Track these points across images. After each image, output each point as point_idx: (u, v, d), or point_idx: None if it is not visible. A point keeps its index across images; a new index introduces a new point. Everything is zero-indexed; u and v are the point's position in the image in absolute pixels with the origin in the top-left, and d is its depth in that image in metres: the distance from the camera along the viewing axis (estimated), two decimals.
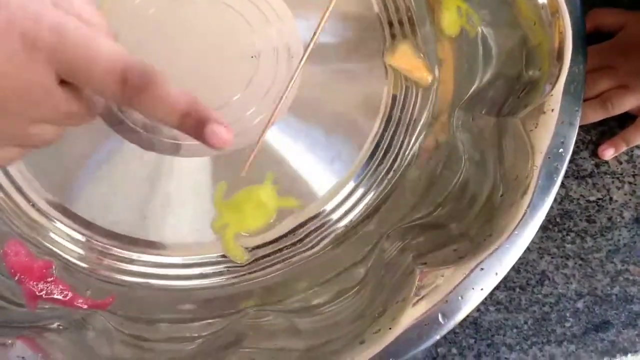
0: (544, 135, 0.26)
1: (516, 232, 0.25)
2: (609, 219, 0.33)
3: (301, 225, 0.31)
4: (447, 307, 0.24)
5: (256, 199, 0.31)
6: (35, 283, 0.29)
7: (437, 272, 0.24)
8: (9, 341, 0.23)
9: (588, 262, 0.32)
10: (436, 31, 0.32)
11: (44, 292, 0.29)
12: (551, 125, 0.26)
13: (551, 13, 0.27)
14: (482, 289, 0.24)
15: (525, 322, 0.31)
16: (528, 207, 0.25)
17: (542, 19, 0.28)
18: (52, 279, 0.29)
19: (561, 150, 0.26)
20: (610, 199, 0.33)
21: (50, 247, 0.30)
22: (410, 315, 0.23)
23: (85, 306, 0.29)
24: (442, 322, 0.24)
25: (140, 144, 0.30)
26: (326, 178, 0.31)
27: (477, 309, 0.31)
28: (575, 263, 0.32)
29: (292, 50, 0.32)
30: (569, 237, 0.33)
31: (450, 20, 0.33)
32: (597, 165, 0.33)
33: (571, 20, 0.27)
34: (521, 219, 0.25)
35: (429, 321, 0.24)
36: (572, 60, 0.27)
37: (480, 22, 0.31)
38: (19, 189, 0.30)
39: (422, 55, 0.31)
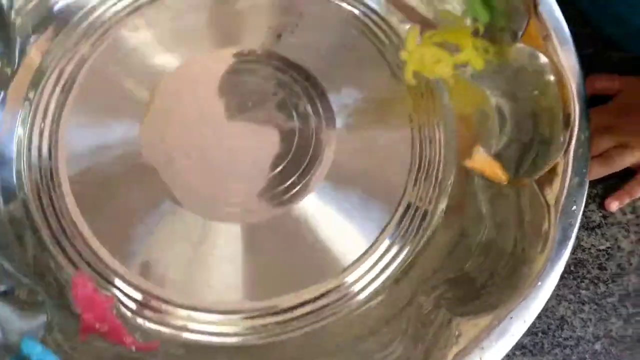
0: (558, 195, 0.30)
1: (539, 283, 0.28)
2: (619, 265, 0.36)
3: (336, 287, 0.34)
4: (483, 353, 0.27)
5: None
6: (94, 316, 0.31)
7: (473, 322, 0.27)
8: None
9: (602, 307, 0.35)
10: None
11: (100, 326, 0.31)
12: (564, 186, 0.30)
13: (557, 85, 0.31)
14: (512, 335, 0.27)
15: None
16: (548, 261, 0.28)
17: (550, 91, 0.32)
18: (109, 314, 0.32)
19: (574, 208, 0.29)
20: (619, 247, 0.36)
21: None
22: None
23: (134, 347, 0.31)
24: None
25: (190, 207, 0.34)
26: (359, 240, 0.34)
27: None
28: (591, 308, 0.35)
29: (327, 122, 0.36)
30: (583, 284, 0.36)
31: (471, 56, 0.36)
32: (604, 217, 0.37)
33: (575, 90, 0.31)
34: (542, 272, 0.28)
35: None
36: (578, 127, 0.31)
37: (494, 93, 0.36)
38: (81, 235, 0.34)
39: (495, 156, 0.34)
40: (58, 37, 0.37)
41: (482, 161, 0.33)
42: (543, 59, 0.32)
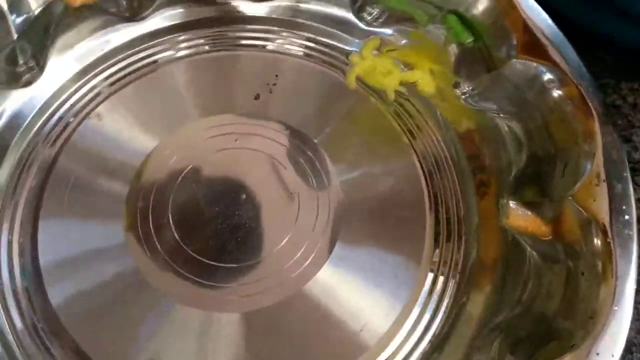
0: (603, 207, 0.27)
1: (616, 307, 0.25)
2: None
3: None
4: None
5: None
6: None
7: None
8: None
9: None
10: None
11: None
12: (606, 195, 0.27)
13: (568, 98, 0.29)
14: None
15: None
16: (616, 279, 0.25)
17: (560, 106, 0.30)
18: None
19: (627, 217, 0.27)
20: None
21: None
22: None
23: None
24: None
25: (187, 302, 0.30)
26: (386, 310, 0.30)
27: None
28: None
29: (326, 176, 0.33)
30: None
31: (422, 78, 0.35)
32: None
33: (590, 96, 0.29)
34: (614, 294, 0.25)
35: None
36: (602, 132, 0.28)
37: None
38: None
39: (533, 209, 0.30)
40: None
41: (519, 218, 0.30)
42: (546, 74, 0.30)
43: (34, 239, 0.31)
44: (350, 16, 0.37)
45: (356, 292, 0.30)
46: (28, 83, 0.35)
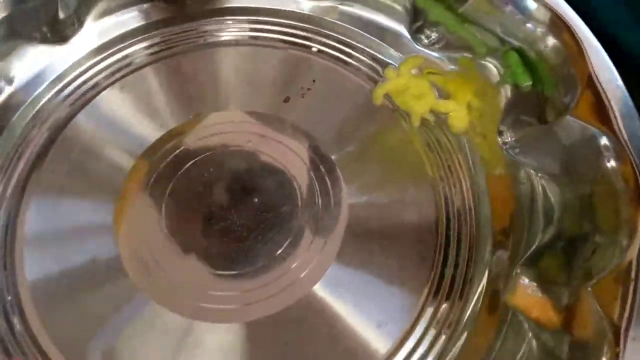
0: (624, 310, 0.23)
1: None
2: None
3: None
4: None
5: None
6: None
7: None
8: None
9: None
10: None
11: None
12: (630, 297, 0.23)
13: (621, 174, 0.25)
14: None
15: None
16: None
17: (609, 179, 0.26)
18: None
19: None
20: None
21: None
22: None
23: None
24: None
25: (165, 304, 0.28)
26: (380, 337, 0.27)
27: None
28: None
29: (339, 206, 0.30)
30: None
31: (455, 110, 0.32)
32: None
33: None
34: None
35: None
36: None
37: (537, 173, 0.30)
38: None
39: (545, 290, 0.26)
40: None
41: (526, 297, 0.26)
42: (603, 138, 0.26)
43: (24, 205, 0.30)
44: (403, 31, 0.34)
45: (346, 317, 0.28)
46: (64, 40, 0.34)
